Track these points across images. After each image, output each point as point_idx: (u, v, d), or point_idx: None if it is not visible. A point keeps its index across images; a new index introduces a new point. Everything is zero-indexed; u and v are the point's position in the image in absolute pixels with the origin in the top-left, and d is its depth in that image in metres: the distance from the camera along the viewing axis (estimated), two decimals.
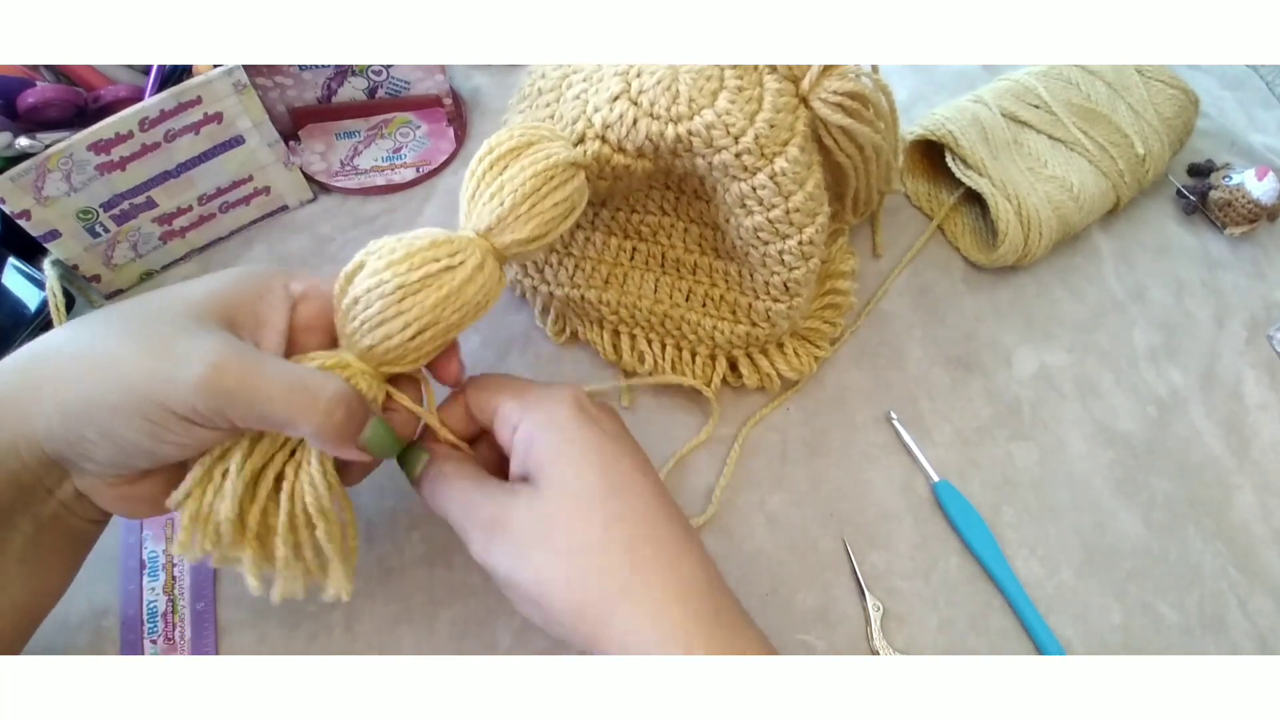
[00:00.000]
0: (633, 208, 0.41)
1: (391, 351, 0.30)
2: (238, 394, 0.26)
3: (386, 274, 0.29)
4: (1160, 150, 0.52)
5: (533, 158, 0.32)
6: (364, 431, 0.28)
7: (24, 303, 0.43)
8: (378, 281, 0.29)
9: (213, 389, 0.25)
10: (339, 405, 0.27)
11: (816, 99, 0.37)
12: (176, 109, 0.41)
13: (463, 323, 0.31)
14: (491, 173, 0.32)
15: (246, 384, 0.26)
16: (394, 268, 0.29)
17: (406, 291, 0.29)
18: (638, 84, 0.35)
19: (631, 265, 0.42)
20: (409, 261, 0.29)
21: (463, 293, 0.30)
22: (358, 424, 0.28)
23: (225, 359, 0.26)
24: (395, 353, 0.30)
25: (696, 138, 0.34)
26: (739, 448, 0.44)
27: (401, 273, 0.29)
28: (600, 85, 0.36)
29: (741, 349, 0.43)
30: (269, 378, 0.26)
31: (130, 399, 0.25)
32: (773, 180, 0.35)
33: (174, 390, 0.25)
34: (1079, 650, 0.40)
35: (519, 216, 0.31)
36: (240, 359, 0.26)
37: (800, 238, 0.37)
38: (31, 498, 0.27)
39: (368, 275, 0.29)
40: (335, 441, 0.28)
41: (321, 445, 0.28)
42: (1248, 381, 0.49)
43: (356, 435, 0.28)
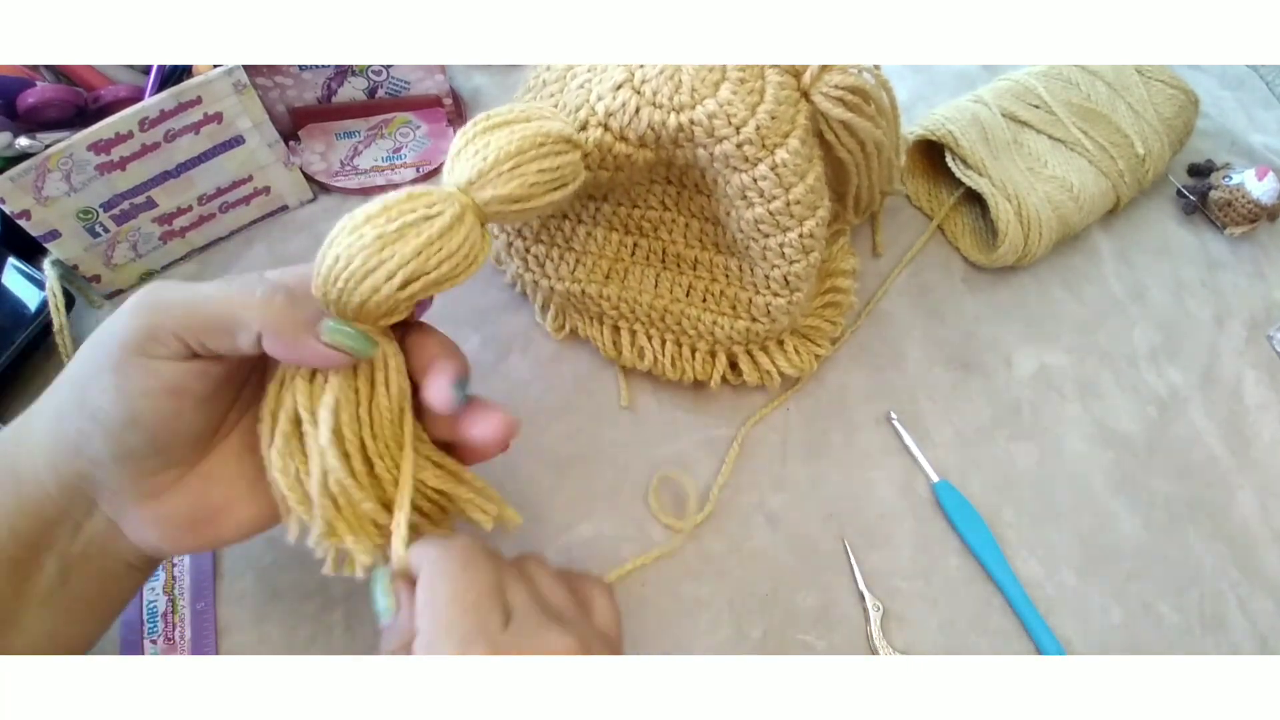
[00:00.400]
0: (634, 203, 0.41)
1: (383, 305, 0.29)
2: (174, 302, 0.26)
3: (366, 228, 0.28)
4: (1160, 150, 0.52)
5: (526, 126, 0.32)
6: (320, 325, 0.27)
7: (24, 303, 0.43)
8: (357, 236, 0.28)
9: (145, 304, 0.26)
10: (276, 291, 0.27)
11: (817, 93, 0.37)
12: (176, 109, 0.41)
13: (451, 275, 0.30)
14: (482, 135, 0.31)
15: (180, 291, 0.26)
16: (372, 220, 0.28)
17: (385, 240, 0.28)
18: (641, 73, 0.35)
19: (632, 260, 0.42)
20: (386, 214, 0.28)
21: (446, 240, 0.29)
22: (307, 315, 0.27)
23: (157, 283, 0.27)
24: (386, 305, 0.29)
25: (698, 127, 0.34)
26: (738, 447, 0.44)
27: (380, 224, 0.28)
28: (604, 75, 0.36)
29: (742, 345, 0.43)
30: (203, 286, 0.27)
31: (89, 360, 0.26)
32: (774, 171, 0.35)
33: (115, 323, 0.26)
34: (1079, 650, 0.40)
35: (500, 174, 0.31)
36: (174, 283, 0.27)
37: (801, 230, 0.37)
38: (58, 532, 0.27)
39: (346, 233, 0.28)
40: (290, 332, 0.26)
41: (279, 344, 0.27)
42: (1248, 381, 0.49)
43: (311, 326, 0.27)
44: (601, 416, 0.45)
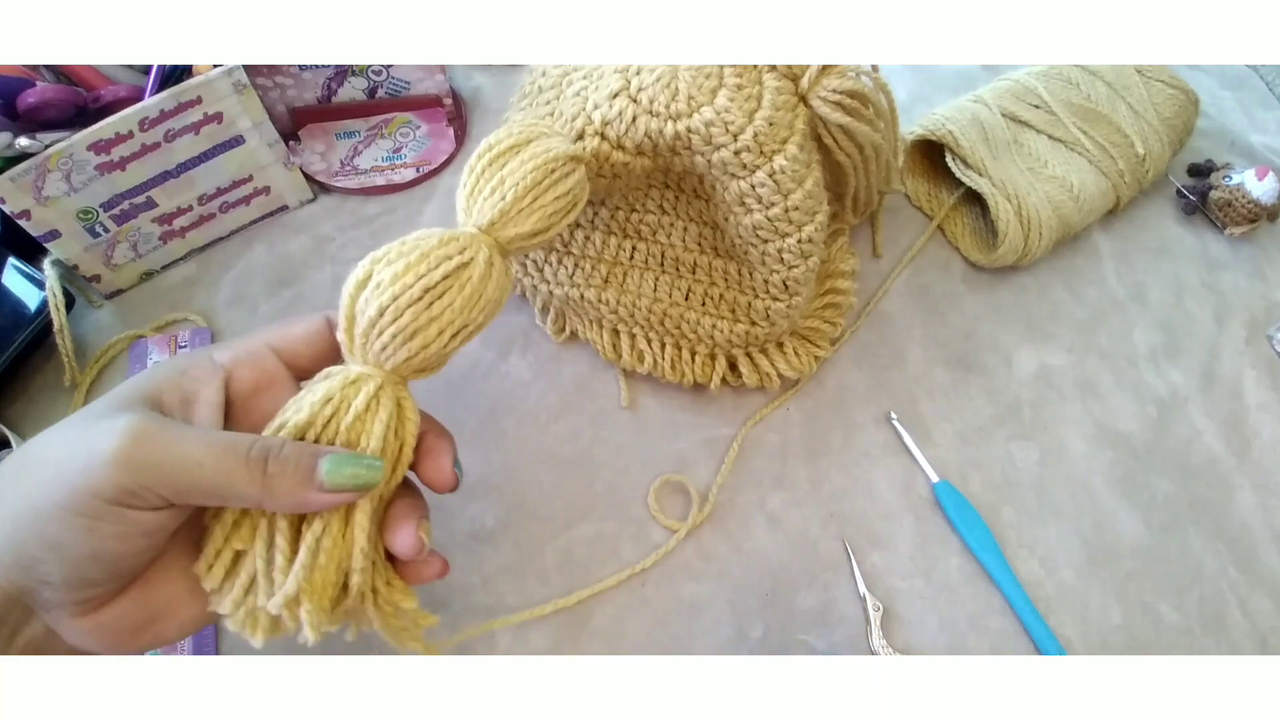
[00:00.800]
0: (632, 207, 0.41)
1: (427, 360, 0.28)
2: (162, 463, 0.24)
3: (408, 277, 0.27)
4: (1160, 150, 0.52)
5: (532, 152, 0.32)
6: (319, 471, 0.25)
7: (24, 303, 0.43)
8: (402, 288, 0.27)
9: (132, 462, 0.23)
10: (265, 456, 0.25)
11: (815, 97, 0.37)
12: (176, 109, 0.41)
13: (485, 322, 0.30)
14: (491, 169, 0.31)
15: (169, 451, 0.24)
16: (413, 269, 0.27)
17: (433, 295, 0.28)
18: (637, 81, 0.35)
19: (631, 264, 0.42)
20: (426, 262, 0.28)
21: (484, 290, 0.29)
22: (303, 470, 0.25)
23: (141, 429, 0.24)
24: (429, 361, 0.28)
25: (695, 135, 0.34)
26: (738, 446, 0.44)
27: (423, 273, 0.27)
28: (600, 82, 0.36)
29: (741, 348, 0.43)
30: (191, 442, 0.24)
31: (57, 495, 0.23)
32: (772, 178, 0.35)
33: (94, 473, 0.23)
34: (1079, 650, 0.40)
35: (521, 210, 0.31)
36: (160, 427, 0.24)
37: (799, 236, 0.37)
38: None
39: (389, 283, 0.27)
40: (288, 496, 0.25)
41: (279, 507, 0.25)
42: (1248, 381, 0.49)
43: (310, 478, 0.25)
44: (601, 417, 0.45)
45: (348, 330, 0.28)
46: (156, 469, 0.24)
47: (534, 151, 0.32)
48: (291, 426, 0.26)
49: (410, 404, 0.28)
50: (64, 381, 0.43)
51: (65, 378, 0.43)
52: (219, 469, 0.24)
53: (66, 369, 0.43)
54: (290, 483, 0.25)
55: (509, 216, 0.31)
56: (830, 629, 0.40)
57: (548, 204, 0.32)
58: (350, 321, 0.28)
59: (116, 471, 0.23)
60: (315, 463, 0.25)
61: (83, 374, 0.44)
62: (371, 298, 0.27)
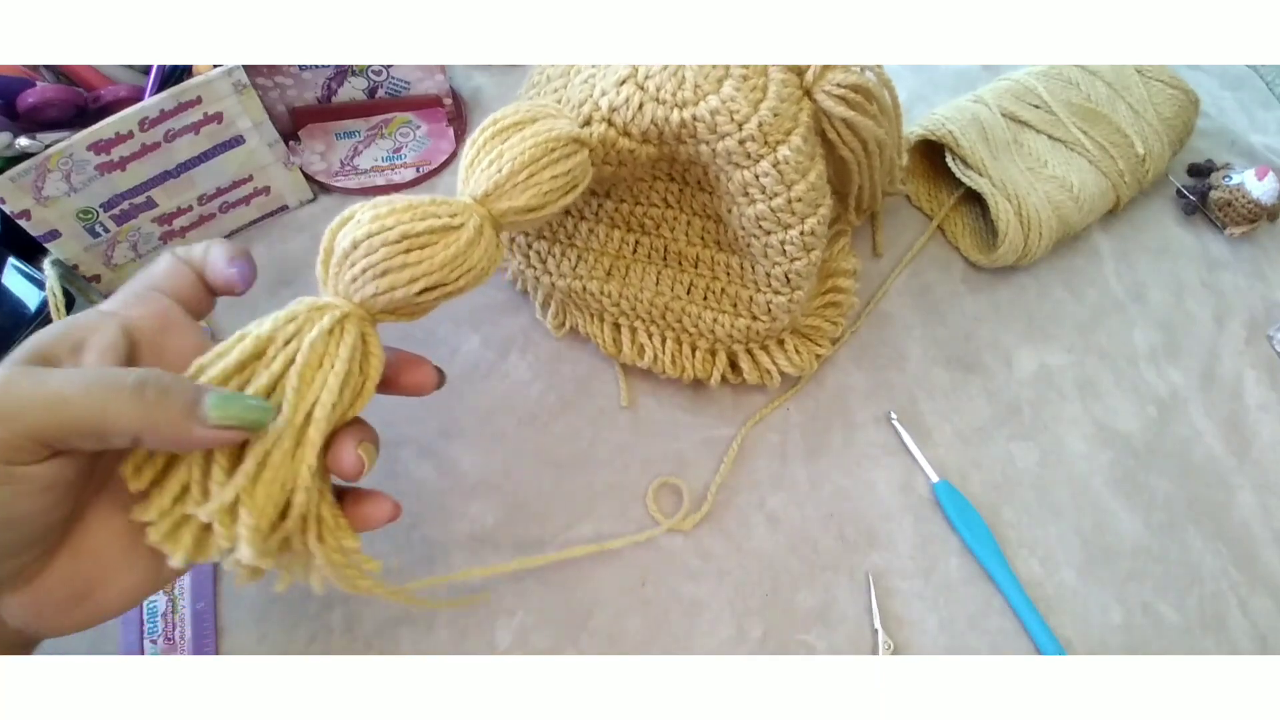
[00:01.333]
0: (636, 200, 0.41)
1: (395, 303, 0.28)
2: (29, 407, 0.22)
3: (389, 219, 0.28)
4: (1160, 150, 0.52)
5: (535, 130, 0.32)
6: (203, 405, 0.23)
7: (24, 303, 0.43)
8: (380, 227, 0.28)
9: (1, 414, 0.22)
10: (144, 384, 0.23)
11: (820, 91, 0.37)
12: (176, 109, 0.41)
13: (465, 288, 0.30)
14: (493, 142, 0.32)
15: (35, 393, 0.22)
16: (396, 214, 0.28)
17: (412, 243, 0.28)
18: (645, 69, 0.35)
19: (634, 258, 0.42)
20: (412, 213, 0.28)
21: (469, 255, 0.29)
22: (186, 400, 0.23)
23: (4, 378, 0.23)
24: (397, 304, 0.28)
25: (701, 123, 0.35)
26: (737, 446, 0.44)
27: (405, 221, 0.28)
28: (608, 70, 0.36)
29: (742, 344, 0.43)
30: (60, 380, 0.23)
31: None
32: (775, 168, 0.35)
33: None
34: (1079, 650, 0.40)
35: (516, 184, 0.31)
36: (25, 373, 0.23)
37: (802, 228, 0.37)
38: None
39: (369, 221, 0.28)
40: (169, 428, 0.23)
41: (160, 441, 0.24)
42: (1248, 381, 0.49)
43: (193, 411, 0.23)
44: (601, 416, 0.45)
45: (324, 262, 0.28)
46: (24, 414, 0.22)
47: (537, 129, 0.32)
48: (252, 339, 0.26)
49: (375, 341, 0.28)
50: None
51: None
52: (91, 403, 0.22)
53: None
54: (172, 414, 0.23)
55: (503, 189, 0.31)
56: (830, 629, 0.40)
57: (544, 181, 0.32)
58: (327, 254, 0.28)
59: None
60: (199, 396, 0.24)
61: None
62: (349, 231, 0.28)
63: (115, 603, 0.27)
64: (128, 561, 0.26)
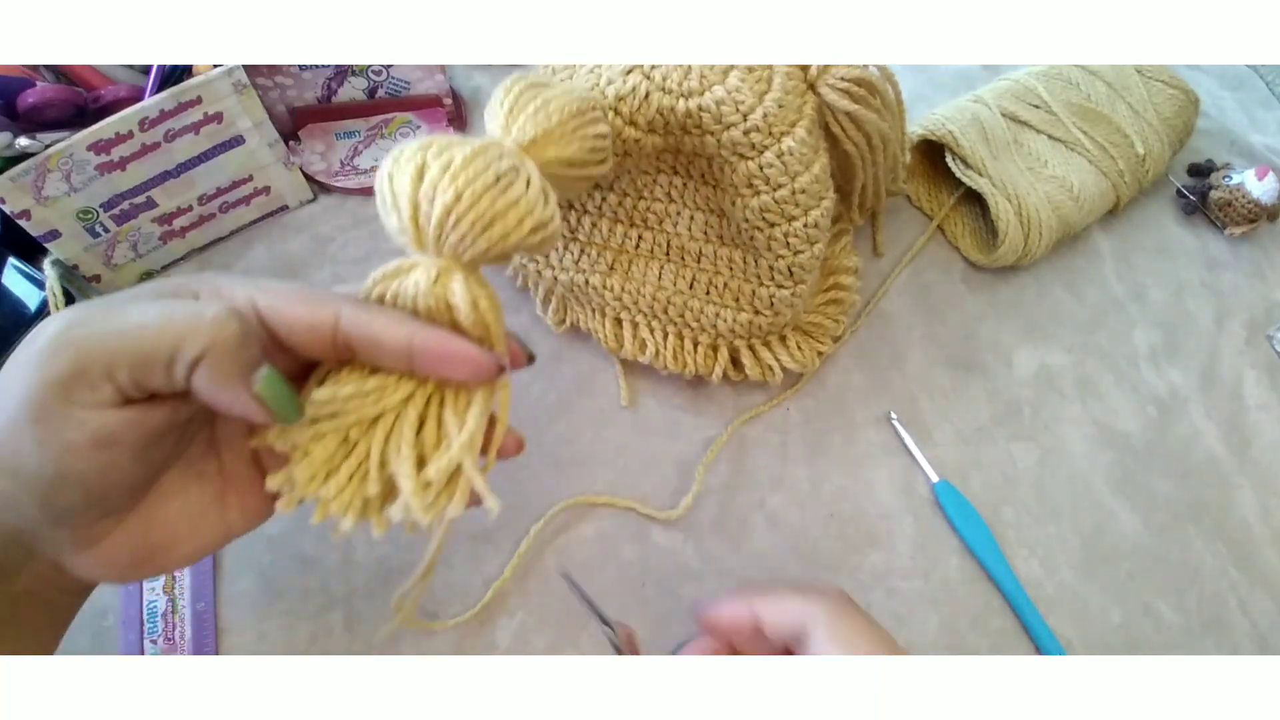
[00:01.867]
0: (639, 194, 0.41)
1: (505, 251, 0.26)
2: (103, 336, 0.22)
3: (478, 162, 0.25)
4: (1160, 150, 0.52)
5: (566, 88, 0.30)
6: (258, 372, 0.23)
7: (24, 303, 0.43)
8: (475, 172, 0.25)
9: (70, 342, 0.21)
10: (230, 317, 0.22)
11: (824, 84, 0.37)
12: (176, 109, 0.41)
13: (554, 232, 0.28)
14: (530, 91, 0.30)
15: (110, 323, 0.22)
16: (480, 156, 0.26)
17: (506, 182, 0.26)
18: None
19: (636, 253, 0.42)
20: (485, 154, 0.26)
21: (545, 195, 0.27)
22: (253, 355, 0.23)
23: (82, 307, 0.22)
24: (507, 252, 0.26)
25: (706, 113, 0.35)
26: (728, 433, 0.44)
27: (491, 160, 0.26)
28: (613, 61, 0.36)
29: (744, 339, 0.43)
30: (142, 310, 0.22)
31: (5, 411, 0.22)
32: (780, 159, 0.36)
33: (34, 368, 0.21)
34: (1079, 650, 0.40)
35: (564, 135, 0.29)
36: (105, 302, 0.22)
37: (805, 220, 0.38)
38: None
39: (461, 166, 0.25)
40: (229, 368, 0.22)
41: (213, 377, 0.23)
42: (1248, 381, 0.49)
43: (249, 372, 0.23)
44: (601, 417, 0.45)
45: (413, 219, 0.26)
46: (96, 343, 0.21)
47: (571, 88, 0.31)
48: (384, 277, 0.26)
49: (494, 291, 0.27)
50: None
51: None
52: (169, 324, 0.22)
53: None
54: (238, 362, 0.23)
55: (551, 136, 0.29)
56: None
57: (589, 139, 0.30)
58: (415, 211, 0.25)
59: (52, 357, 0.21)
60: (261, 364, 0.23)
61: None
62: (443, 184, 0.25)
63: (179, 563, 0.27)
64: (195, 529, 0.27)
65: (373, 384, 0.26)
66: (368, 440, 0.27)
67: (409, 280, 0.26)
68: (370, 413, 0.26)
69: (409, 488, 0.26)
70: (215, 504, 0.27)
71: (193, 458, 0.27)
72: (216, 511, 0.27)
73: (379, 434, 0.27)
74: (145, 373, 0.22)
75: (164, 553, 0.27)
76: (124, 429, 0.23)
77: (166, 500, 0.27)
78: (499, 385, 0.28)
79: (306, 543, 0.40)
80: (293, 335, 0.25)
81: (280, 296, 0.25)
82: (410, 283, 0.26)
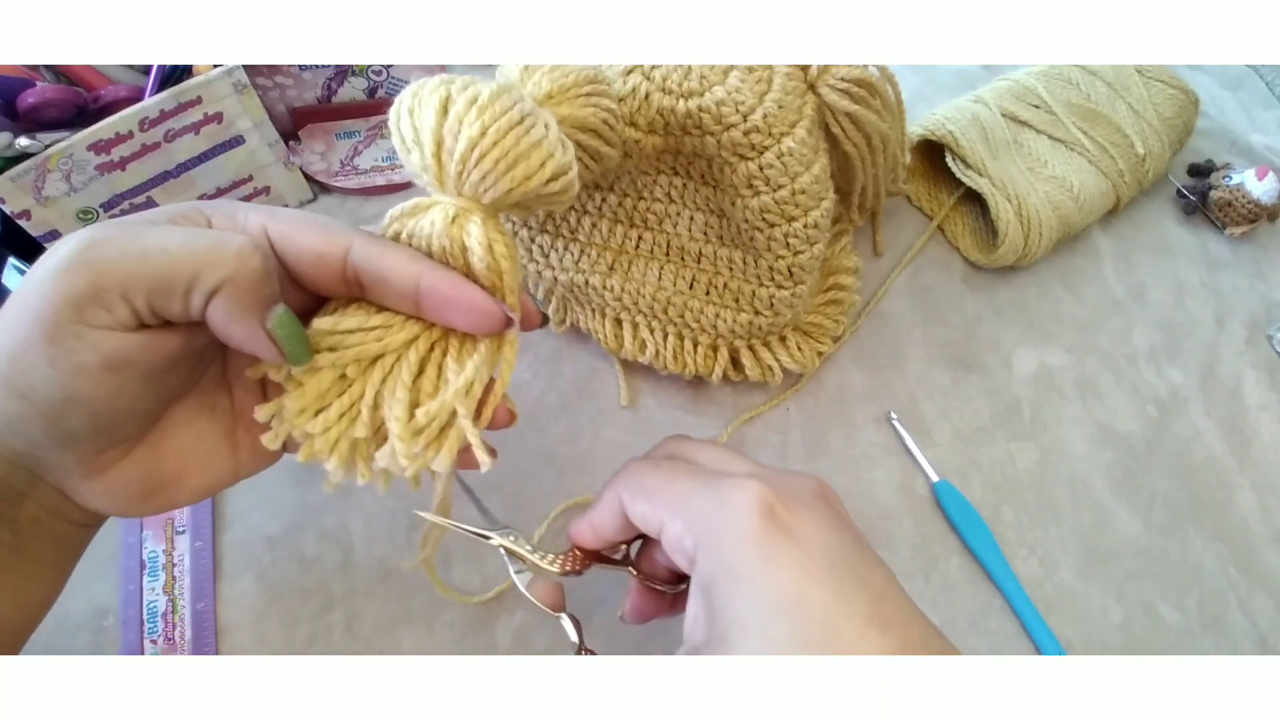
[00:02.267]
0: (639, 195, 0.41)
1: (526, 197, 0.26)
2: (125, 254, 0.21)
3: (504, 99, 0.25)
4: (1160, 150, 0.52)
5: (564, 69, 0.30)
6: (275, 309, 0.23)
7: None
8: (501, 108, 0.24)
9: (89, 261, 0.21)
10: (254, 250, 0.22)
11: (824, 85, 0.37)
12: (176, 109, 0.41)
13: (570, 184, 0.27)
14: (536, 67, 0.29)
15: (132, 244, 0.22)
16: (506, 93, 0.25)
17: (529, 124, 0.25)
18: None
19: (636, 253, 0.42)
20: (502, 99, 0.25)
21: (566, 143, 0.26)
22: (272, 291, 0.23)
23: (104, 226, 0.22)
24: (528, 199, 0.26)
25: (706, 114, 0.35)
26: (728, 433, 0.44)
27: (516, 98, 0.25)
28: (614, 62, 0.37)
29: (744, 339, 0.43)
30: (159, 233, 0.22)
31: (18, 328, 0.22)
32: (780, 160, 0.36)
33: (50, 282, 0.21)
34: (1079, 650, 0.40)
35: (580, 95, 0.29)
36: (127, 222, 0.22)
37: (805, 220, 0.38)
38: (2, 502, 0.25)
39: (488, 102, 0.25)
40: (247, 299, 0.23)
41: (229, 309, 0.23)
42: (1248, 381, 0.49)
43: (269, 304, 0.23)
44: (601, 417, 0.45)
45: (435, 155, 0.25)
46: (116, 264, 0.21)
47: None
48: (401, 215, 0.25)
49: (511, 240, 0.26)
50: None
51: None
52: (191, 251, 0.22)
53: None
54: (258, 294, 0.23)
55: (567, 94, 0.28)
56: None
57: (601, 110, 0.30)
58: (439, 147, 0.25)
59: (70, 274, 0.21)
60: (278, 300, 0.23)
61: None
62: (469, 118, 0.24)
63: (188, 497, 0.27)
64: (206, 462, 0.27)
65: (376, 321, 0.26)
66: (364, 380, 0.26)
67: (425, 219, 0.25)
68: (370, 351, 0.26)
69: (396, 430, 0.25)
70: (226, 440, 0.27)
71: (204, 390, 0.27)
72: (227, 448, 0.27)
73: (376, 374, 0.26)
74: (163, 298, 0.22)
75: (172, 486, 0.26)
76: (136, 353, 0.23)
77: (177, 431, 0.26)
78: (506, 342, 0.27)
79: (306, 543, 0.40)
80: (301, 265, 0.25)
81: (293, 224, 0.25)
82: (426, 221, 0.25)
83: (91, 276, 0.21)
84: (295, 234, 0.25)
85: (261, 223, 0.25)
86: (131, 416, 0.24)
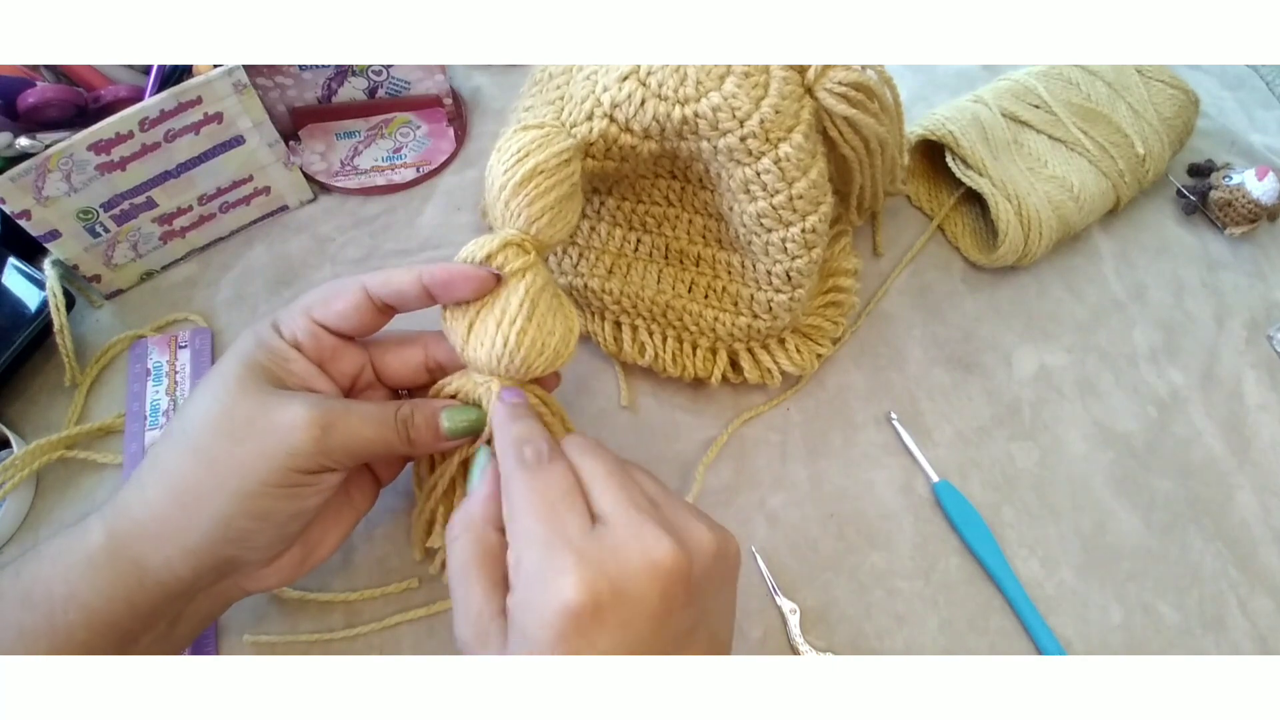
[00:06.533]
0: (638, 198, 0.41)
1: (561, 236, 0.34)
2: (347, 443, 0.30)
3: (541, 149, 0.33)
4: (1160, 150, 0.52)
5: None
6: (443, 425, 0.32)
7: (24, 303, 0.43)
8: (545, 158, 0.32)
9: (323, 446, 0.29)
10: (405, 423, 0.31)
11: (821, 88, 0.37)
12: (176, 109, 0.41)
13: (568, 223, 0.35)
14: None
15: (347, 432, 0.30)
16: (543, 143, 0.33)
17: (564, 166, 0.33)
18: (646, 65, 0.35)
19: (635, 256, 0.42)
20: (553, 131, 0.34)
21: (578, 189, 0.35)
22: (432, 427, 0.32)
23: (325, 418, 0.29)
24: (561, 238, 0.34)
25: (702, 120, 0.35)
26: (728, 434, 0.44)
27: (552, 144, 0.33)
28: (610, 67, 0.36)
29: (743, 342, 0.43)
30: (359, 419, 0.30)
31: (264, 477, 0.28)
32: (777, 165, 0.36)
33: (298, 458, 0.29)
34: (1079, 650, 0.40)
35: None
36: (336, 413, 0.30)
37: (803, 225, 0.37)
38: (179, 603, 0.30)
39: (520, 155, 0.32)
40: (424, 448, 0.32)
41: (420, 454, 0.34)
42: (1248, 381, 0.49)
43: (438, 433, 0.32)
44: (601, 416, 0.45)
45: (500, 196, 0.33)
46: (343, 447, 0.30)
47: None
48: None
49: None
50: (64, 381, 0.43)
51: (65, 378, 0.43)
52: (380, 437, 0.31)
53: (66, 369, 0.43)
54: (426, 437, 0.32)
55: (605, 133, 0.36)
56: (830, 629, 0.40)
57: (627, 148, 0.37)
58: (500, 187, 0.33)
59: (316, 454, 0.29)
60: (438, 420, 0.32)
61: (83, 374, 0.44)
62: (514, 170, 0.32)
63: (328, 554, 0.34)
64: (339, 523, 0.34)
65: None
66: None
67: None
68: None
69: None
70: (344, 499, 0.34)
71: None
72: (346, 504, 0.34)
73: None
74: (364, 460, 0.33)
75: (317, 550, 0.33)
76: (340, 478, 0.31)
77: (322, 512, 0.32)
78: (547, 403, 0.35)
79: None
80: (342, 322, 0.32)
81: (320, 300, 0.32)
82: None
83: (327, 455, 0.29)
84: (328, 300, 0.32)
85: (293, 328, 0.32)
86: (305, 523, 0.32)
